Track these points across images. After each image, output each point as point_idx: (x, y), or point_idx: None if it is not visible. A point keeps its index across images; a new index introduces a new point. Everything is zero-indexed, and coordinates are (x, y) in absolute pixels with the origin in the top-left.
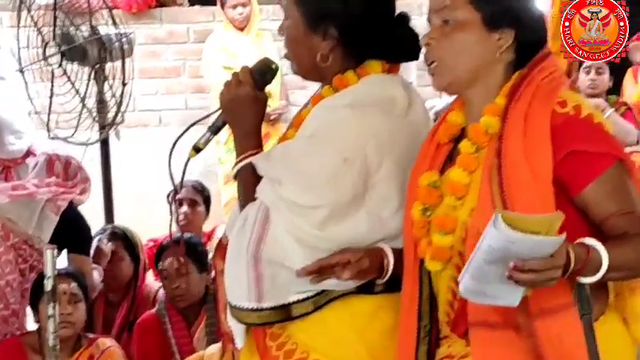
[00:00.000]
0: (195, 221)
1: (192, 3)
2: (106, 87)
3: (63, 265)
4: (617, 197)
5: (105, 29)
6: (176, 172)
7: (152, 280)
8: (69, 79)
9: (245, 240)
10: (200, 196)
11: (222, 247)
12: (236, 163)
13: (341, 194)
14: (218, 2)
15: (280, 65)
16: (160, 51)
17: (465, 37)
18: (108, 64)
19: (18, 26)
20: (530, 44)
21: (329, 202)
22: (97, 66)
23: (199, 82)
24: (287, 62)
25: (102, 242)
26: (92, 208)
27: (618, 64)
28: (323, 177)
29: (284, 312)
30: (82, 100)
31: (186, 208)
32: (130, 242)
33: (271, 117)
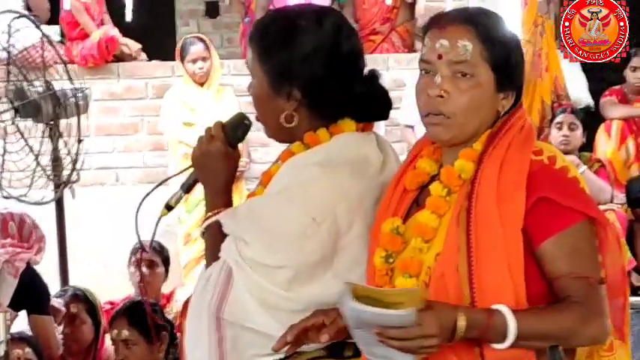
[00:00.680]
0: (153, 283)
1: (150, 57)
2: (61, 144)
3: (24, 326)
4: (573, 258)
5: (60, 84)
6: (134, 232)
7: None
8: (22, 136)
9: (207, 300)
10: (159, 257)
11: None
12: (204, 221)
13: (307, 255)
14: (177, 56)
15: None
16: (117, 107)
17: (482, 96)
18: (63, 121)
19: None
20: (519, 99)
21: (294, 263)
22: (52, 122)
23: (158, 139)
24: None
25: (59, 304)
26: (46, 268)
27: (591, 120)
28: (289, 237)
29: None
30: (36, 158)
31: (144, 270)
32: (92, 305)
33: None
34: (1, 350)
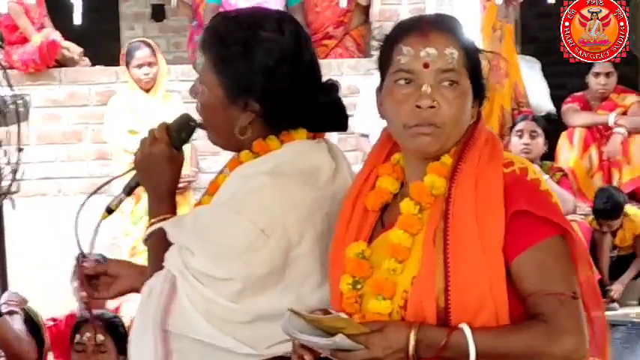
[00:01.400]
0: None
1: (93, 62)
2: (1, 153)
3: None
4: (544, 274)
5: None
6: (72, 242)
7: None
8: None
9: (151, 312)
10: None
11: None
12: (147, 228)
13: (255, 268)
14: (122, 61)
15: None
16: (59, 114)
17: (465, 105)
18: (2, 129)
19: None
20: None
21: (242, 276)
22: None
23: (102, 148)
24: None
25: None
26: None
27: (552, 128)
28: (236, 249)
29: None
30: None
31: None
32: (36, 324)
33: (180, 185)
34: None
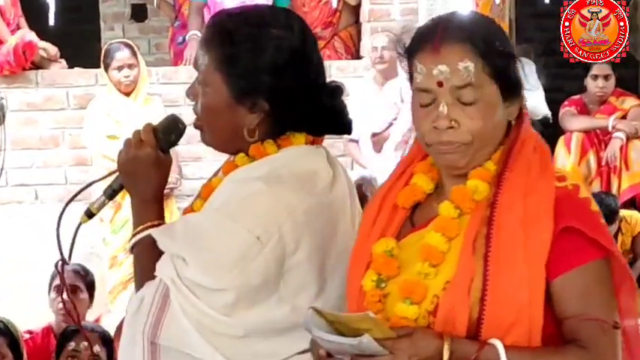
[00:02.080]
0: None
1: (71, 64)
2: None
3: None
4: (586, 298)
5: None
6: (57, 250)
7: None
8: None
9: (141, 324)
10: (82, 282)
11: None
12: (133, 235)
13: (250, 278)
14: (101, 64)
15: None
16: (36, 118)
17: (493, 115)
18: None
19: None
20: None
21: (236, 286)
22: None
23: (80, 154)
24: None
25: None
26: None
27: (549, 133)
28: (230, 257)
29: None
30: None
31: (66, 296)
32: (13, 337)
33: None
34: None
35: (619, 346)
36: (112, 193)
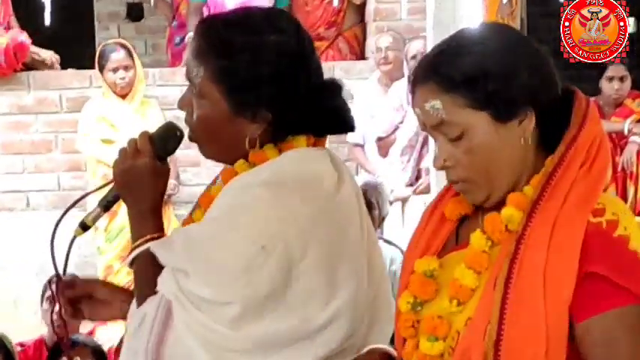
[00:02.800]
0: (70, 321)
1: (65, 66)
2: None
3: None
4: (613, 348)
5: None
6: (50, 261)
7: None
8: None
9: (143, 341)
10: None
11: None
12: (131, 250)
13: (255, 289)
14: (96, 65)
15: None
16: (28, 122)
17: (489, 145)
18: None
19: None
20: (553, 111)
21: (241, 298)
22: None
23: (74, 159)
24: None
25: None
26: None
27: None
28: (234, 268)
29: None
30: None
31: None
32: (7, 350)
33: None
34: None
35: None
36: (108, 205)
